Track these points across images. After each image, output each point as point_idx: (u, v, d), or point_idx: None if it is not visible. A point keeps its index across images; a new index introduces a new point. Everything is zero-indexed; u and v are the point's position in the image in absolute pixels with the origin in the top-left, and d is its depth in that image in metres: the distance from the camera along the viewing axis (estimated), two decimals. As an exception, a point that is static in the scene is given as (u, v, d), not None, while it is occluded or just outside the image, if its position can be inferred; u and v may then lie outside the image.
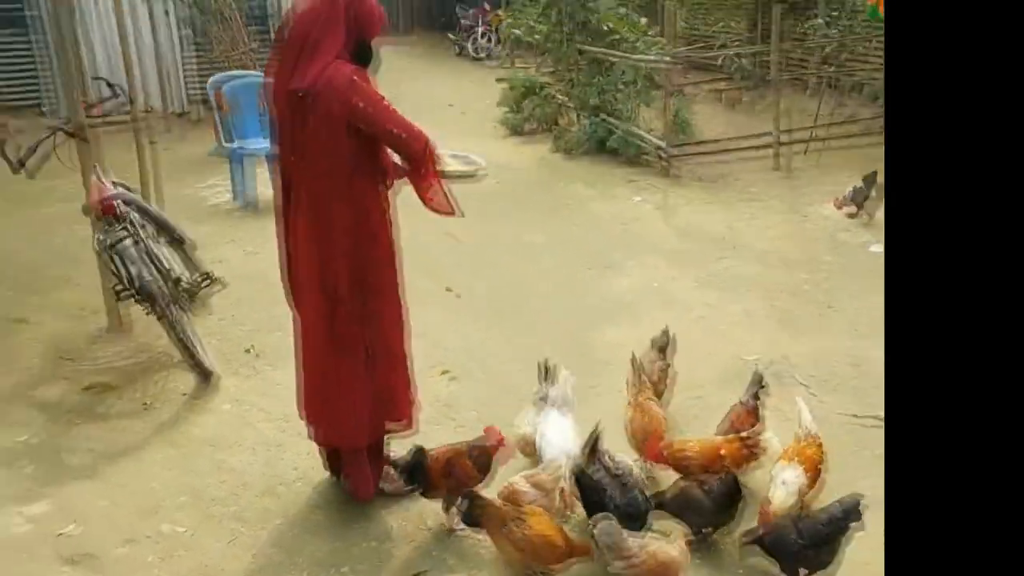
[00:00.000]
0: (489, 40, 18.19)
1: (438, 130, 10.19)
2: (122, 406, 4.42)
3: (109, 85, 5.33)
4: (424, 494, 3.38)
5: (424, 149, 3.20)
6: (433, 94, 14.30)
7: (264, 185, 8.17)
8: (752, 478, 3.43)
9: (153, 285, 4.29)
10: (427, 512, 3.44)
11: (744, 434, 3.30)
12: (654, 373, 4.01)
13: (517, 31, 10.89)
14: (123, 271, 4.32)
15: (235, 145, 7.76)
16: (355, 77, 3.04)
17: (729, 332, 4.97)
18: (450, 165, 3.37)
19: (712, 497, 3.14)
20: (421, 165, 3.22)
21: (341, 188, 3.14)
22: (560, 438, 3.45)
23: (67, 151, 4.97)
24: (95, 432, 4.16)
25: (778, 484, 3.08)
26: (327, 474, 3.68)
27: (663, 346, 4.14)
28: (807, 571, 2.85)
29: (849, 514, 2.78)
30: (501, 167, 9.30)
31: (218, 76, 8.25)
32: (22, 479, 3.78)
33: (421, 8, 24.72)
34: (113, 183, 5.08)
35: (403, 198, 3.40)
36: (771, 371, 4.44)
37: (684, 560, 2.89)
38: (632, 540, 2.86)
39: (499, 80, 11.51)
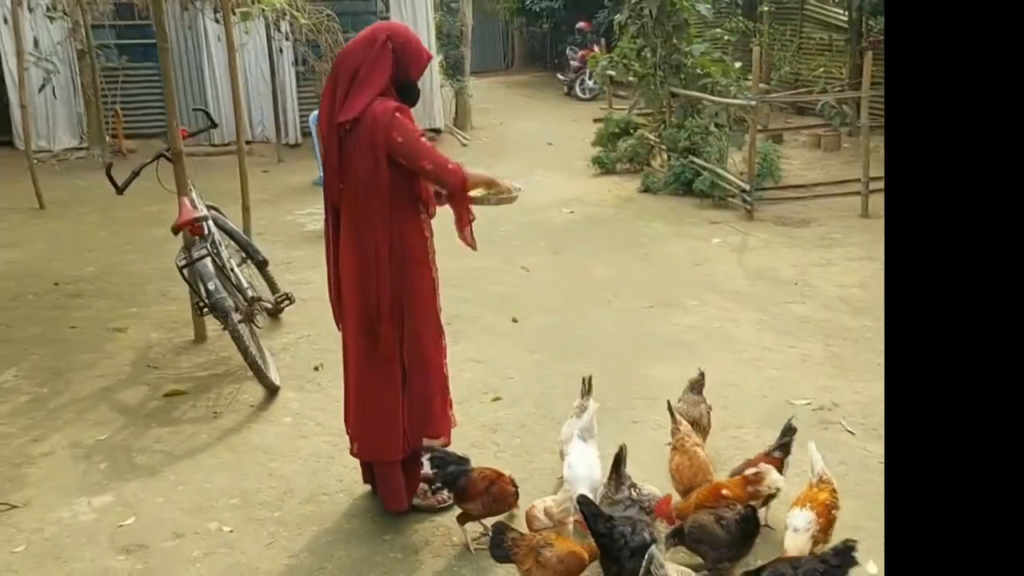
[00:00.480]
0: (596, 81, 18.45)
1: (532, 166, 10.58)
2: (193, 413, 4.75)
3: (207, 116, 5.75)
4: (458, 502, 3.53)
5: (459, 183, 3.39)
6: (536, 132, 14.66)
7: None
8: (772, 513, 3.46)
9: (225, 301, 4.62)
10: (455, 529, 3.58)
11: (748, 472, 3.32)
12: (703, 416, 4.04)
13: (611, 72, 11.07)
14: (200, 287, 4.67)
15: (330, 175, 8.17)
16: (397, 113, 3.27)
17: (781, 375, 4.94)
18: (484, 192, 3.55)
19: (728, 530, 3.17)
20: (457, 198, 3.42)
21: (382, 215, 3.35)
22: (584, 466, 3.54)
23: (169, 175, 5.41)
24: (165, 435, 4.49)
25: (790, 530, 3.09)
26: (367, 486, 3.88)
27: (701, 387, 4.18)
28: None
29: (844, 559, 2.77)
30: (585, 204, 9.49)
31: (317, 111, 8.72)
32: (95, 473, 4.13)
33: (534, 48, 25.24)
34: (207, 206, 5.50)
35: (478, 232, 3.59)
36: (818, 416, 4.44)
37: None
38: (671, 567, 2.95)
39: (596, 120, 11.71)
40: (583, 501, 3.10)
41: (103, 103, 11.98)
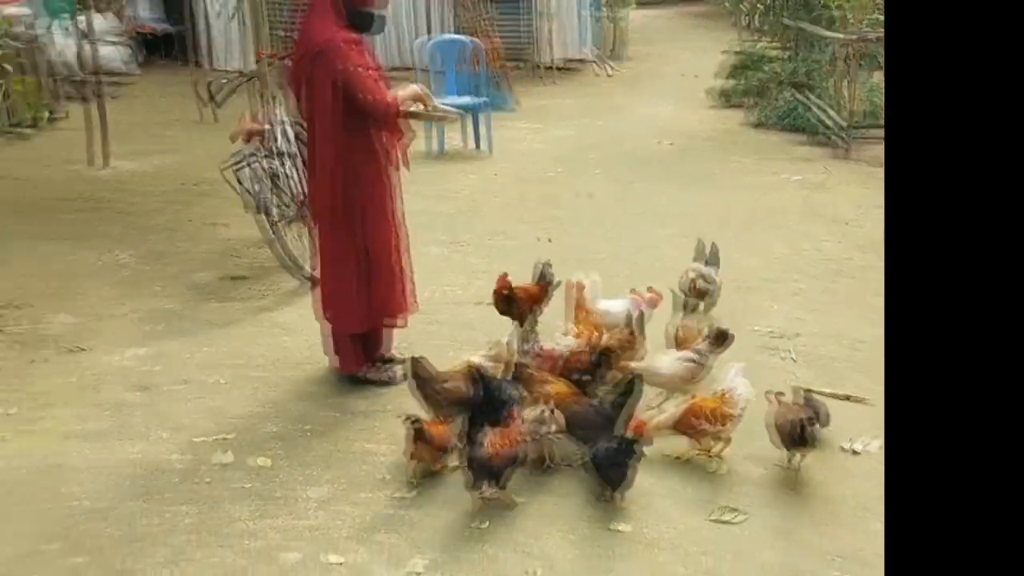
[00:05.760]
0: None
1: (657, 97, 10.85)
2: (246, 293, 5.64)
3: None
4: None
5: (386, 114, 3.91)
6: (688, 63, 14.57)
7: (454, 136, 9.23)
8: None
9: (262, 199, 5.40)
10: (387, 397, 4.25)
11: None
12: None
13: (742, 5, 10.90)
14: (241, 185, 5.49)
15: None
16: (342, 44, 3.81)
17: (764, 305, 5.10)
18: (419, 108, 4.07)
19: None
20: (385, 126, 3.98)
21: (327, 133, 3.96)
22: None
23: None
24: (215, 308, 5.40)
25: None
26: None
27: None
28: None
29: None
30: (688, 136, 9.61)
31: (424, 38, 9.36)
32: (143, 332, 5.07)
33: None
34: (292, 121, 6.30)
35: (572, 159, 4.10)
36: (767, 342, 4.64)
37: None
38: None
39: (724, 52, 11.60)
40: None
41: (272, 31, 13.24)
